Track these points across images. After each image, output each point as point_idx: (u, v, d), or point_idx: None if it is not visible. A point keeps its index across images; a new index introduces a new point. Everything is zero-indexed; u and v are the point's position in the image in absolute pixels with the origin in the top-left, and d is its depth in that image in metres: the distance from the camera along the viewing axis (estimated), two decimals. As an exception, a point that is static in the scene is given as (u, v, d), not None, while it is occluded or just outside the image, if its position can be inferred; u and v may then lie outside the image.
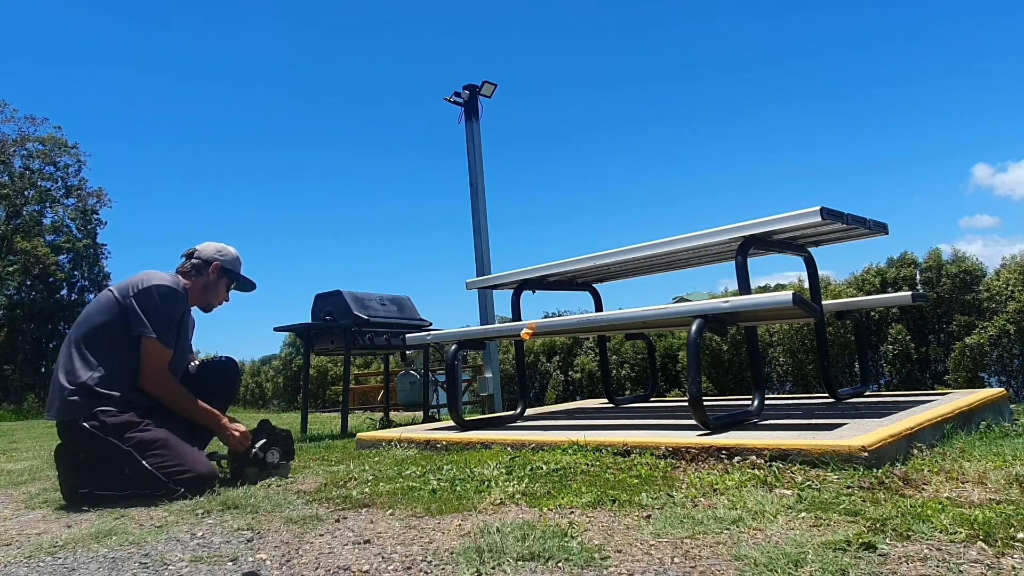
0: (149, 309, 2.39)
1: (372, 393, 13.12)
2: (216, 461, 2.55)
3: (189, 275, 2.64)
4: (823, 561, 1.23)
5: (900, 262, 13.80)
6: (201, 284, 2.66)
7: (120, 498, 2.25)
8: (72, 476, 2.33)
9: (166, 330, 2.42)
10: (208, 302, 2.72)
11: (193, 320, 2.73)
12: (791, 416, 2.92)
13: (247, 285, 2.84)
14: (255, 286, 2.87)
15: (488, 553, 1.41)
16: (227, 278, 2.72)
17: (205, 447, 2.62)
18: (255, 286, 2.87)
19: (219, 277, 2.69)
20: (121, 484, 2.26)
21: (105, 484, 2.28)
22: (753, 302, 2.49)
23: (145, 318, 2.37)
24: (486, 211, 10.55)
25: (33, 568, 1.57)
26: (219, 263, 2.68)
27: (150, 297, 2.40)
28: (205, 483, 2.29)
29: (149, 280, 2.44)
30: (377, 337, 4.83)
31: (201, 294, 2.67)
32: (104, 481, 2.28)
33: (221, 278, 2.70)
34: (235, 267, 2.76)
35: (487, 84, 10.72)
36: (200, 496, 2.23)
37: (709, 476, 1.99)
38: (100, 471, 2.29)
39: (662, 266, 3.75)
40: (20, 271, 18.29)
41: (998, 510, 1.48)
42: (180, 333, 2.53)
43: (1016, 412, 3.28)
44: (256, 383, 26.22)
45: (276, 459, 2.60)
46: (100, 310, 2.43)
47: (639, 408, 4.16)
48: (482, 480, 2.19)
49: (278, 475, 2.57)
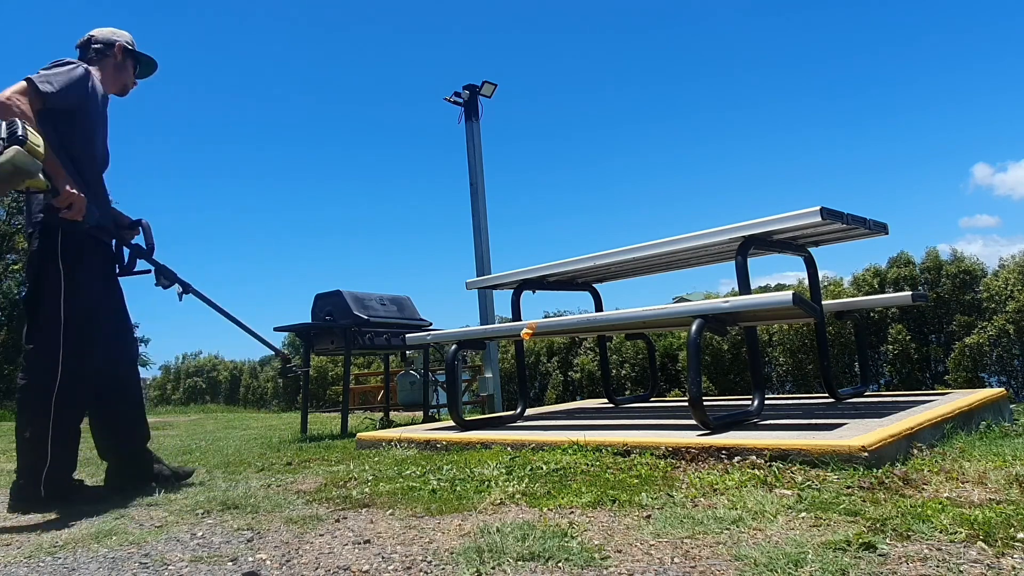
0: (41, 70, 2.31)
1: (372, 393, 13.12)
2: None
3: (95, 63, 2.57)
4: (823, 561, 1.23)
5: (896, 262, 13.81)
6: (111, 67, 2.61)
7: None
8: None
9: (51, 79, 2.28)
10: (123, 83, 2.66)
11: (105, 115, 2.61)
12: (791, 416, 2.92)
13: (149, 63, 2.75)
14: (156, 64, 2.77)
15: (488, 553, 1.41)
16: (131, 58, 2.67)
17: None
18: (156, 64, 2.77)
19: (124, 58, 2.64)
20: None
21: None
22: (753, 302, 2.49)
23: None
24: (486, 211, 10.54)
25: (33, 568, 1.57)
26: (121, 43, 2.63)
27: (44, 68, 2.34)
28: None
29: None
30: (377, 337, 4.83)
31: (114, 76, 2.61)
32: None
33: (126, 59, 2.65)
34: (134, 46, 2.69)
35: (487, 84, 10.71)
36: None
37: (709, 476, 1.99)
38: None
39: (662, 266, 3.75)
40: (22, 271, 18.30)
41: (998, 510, 1.48)
42: (92, 113, 2.43)
43: (1016, 412, 3.28)
44: (256, 383, 26.23)
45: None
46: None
47: (639, 408, 4.16)
48: (482, 480, 2.18)
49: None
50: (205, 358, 29.56)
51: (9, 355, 17.80)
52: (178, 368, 30.02)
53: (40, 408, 2.25)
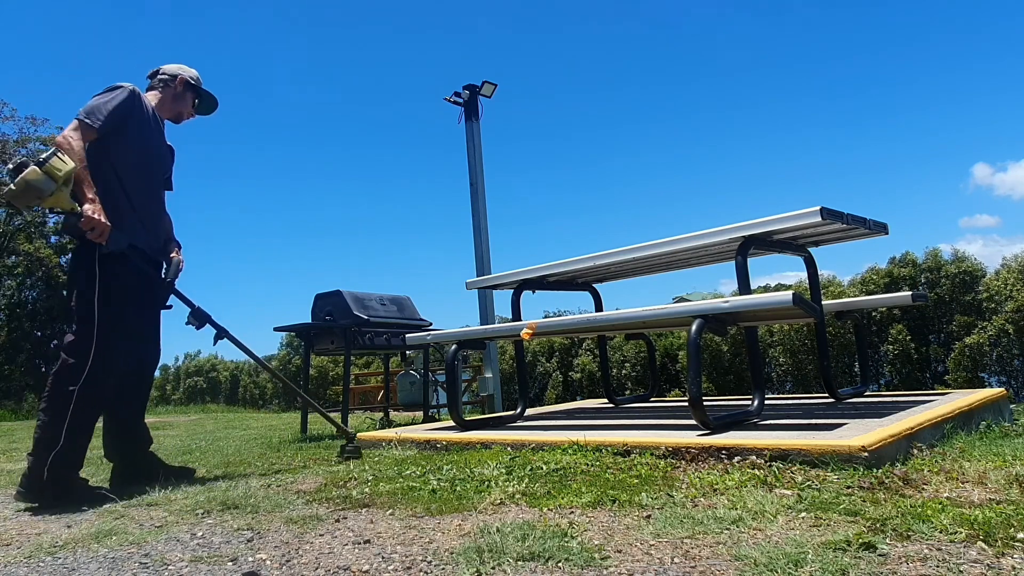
0: (90, 100, 2.55)
1: (372, 393, 13.10)
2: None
3: (156, 89, 2.85)
4: (823, 561, 1.23)
5: (899, 262, 13.81)
6: (169, 95, 2.85)
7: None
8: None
9: (94, 112, 2.50)
10: (178, 111, 2.88)
11: (171, 148, 2.88)
12: (791, 416, 2.92)
13: (210, 100, 2.97)
14: (217, 102, 2.99)
15: (488, 553, 1.41)
16: (192, 92, 2.90)
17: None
18: (217, 102, 2.99)
19: (184, 90, 2.87)
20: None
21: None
22: (753, 302, 2.49)
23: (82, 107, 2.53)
24: (486, 211, 10.54)
25: (33, 568, 1.57)
26: (183, 77, 2.87)
27: (96, 95, 2.58)
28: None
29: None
30: (377, 337, 4.83)
31: (171, 105, 2.85)
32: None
33: (187, 91, 2.88)
34: (198, 82, 2.93)
35: (487, 84, 10.71)
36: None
37: (709, 476, 1.99)
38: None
39: (662, 266, 3.75)
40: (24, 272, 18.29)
41: (998, 510, 1.48)
42: (135, 131, 2.62)
43: (1016, 412, 3.28)
44: (256, 383, 26.22)
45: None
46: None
47: (639, 408, 4.15)
48: (482, 480, 2.18)
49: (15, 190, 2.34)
50: (205, 358, 29.56)
51: (9, 355, 17.80)
52: (178, 368, 30.03)
53: (62, 397, 2.37)
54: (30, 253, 17.72)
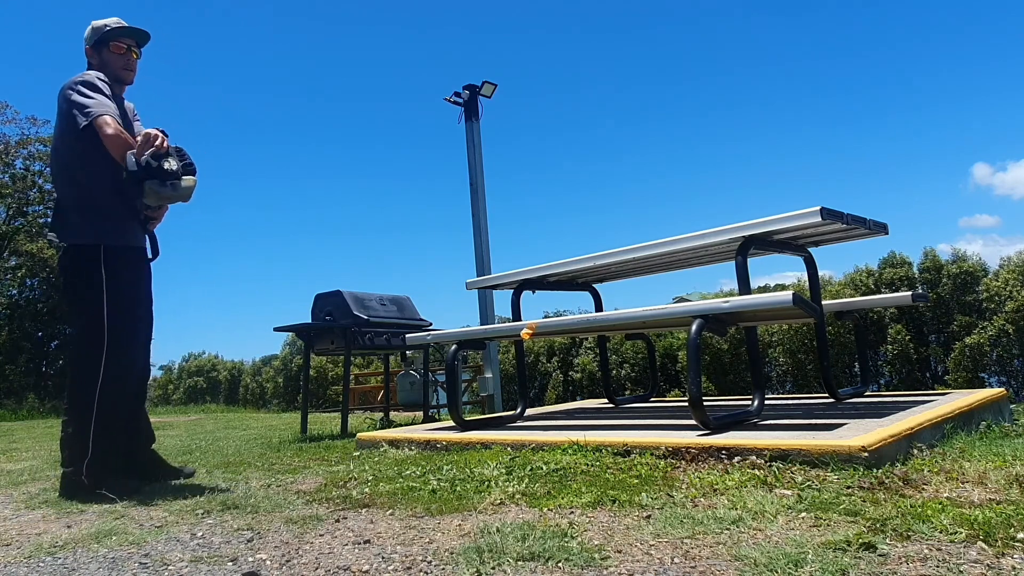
0: (81, 99, 2.49)
1: (372, 393, 13.10)
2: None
3: (94, 67, 2.67)
4: (823, 561, 1.23)
5: (888, 262, 13.81)
6: (96, 66, 2.67)
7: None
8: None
9: (102, 105, 2.46)
10: (116, 75, 2.69)
11: (131, 107, 2.76)
12: (791, 416, 2.92)
13: (129, 32, 2.72)
14: (141, 30, 2.75)
15: (488, 553, 1.41)
16: (105, 46, 2.68)
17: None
18: (141, 30, 2.75)
19: (98, 52, 2.68)
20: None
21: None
22: (753, 302, 2.49)
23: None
24: (486, 211, 10.53)
25: (33, 568, 1.57)
26: (88, 47, 2.69)
27: (70, 85, 2.52)
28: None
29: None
30: (377, 337, 4.83)
31: (110, 72, 2.66)
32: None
33: (101, 49, 2.67)
34: (98, 34, 2.69)
35: (487, 84, 10.70)
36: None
37: (709, 476, 1.99)
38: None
39: (662, 266, 3.75)
40: (27, 273, 18.30)
41: (998, 510, 1.48)
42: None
43: (1016, 412, 3.28)
44: (256, 383, 26.24)
45: (175, 166, 2.46)
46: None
47: (639, 408, 4.15)
48: (482, 480, 2.18)
49: (176, 193, 2.46)
50: (205, 358, 29.58)
51: (10, 355, 17.80)
52: (178, 368, 30.04)
53: (84, 408, 2.40)
54: (32, 253, 17.73)
